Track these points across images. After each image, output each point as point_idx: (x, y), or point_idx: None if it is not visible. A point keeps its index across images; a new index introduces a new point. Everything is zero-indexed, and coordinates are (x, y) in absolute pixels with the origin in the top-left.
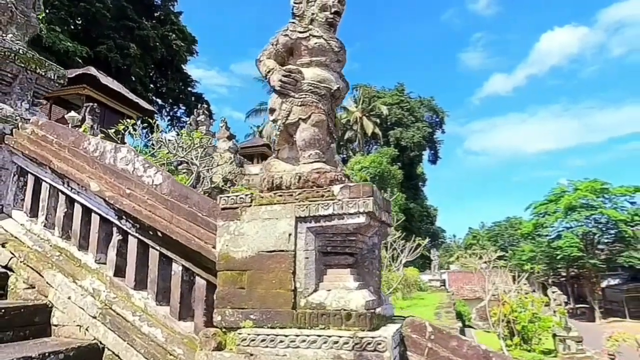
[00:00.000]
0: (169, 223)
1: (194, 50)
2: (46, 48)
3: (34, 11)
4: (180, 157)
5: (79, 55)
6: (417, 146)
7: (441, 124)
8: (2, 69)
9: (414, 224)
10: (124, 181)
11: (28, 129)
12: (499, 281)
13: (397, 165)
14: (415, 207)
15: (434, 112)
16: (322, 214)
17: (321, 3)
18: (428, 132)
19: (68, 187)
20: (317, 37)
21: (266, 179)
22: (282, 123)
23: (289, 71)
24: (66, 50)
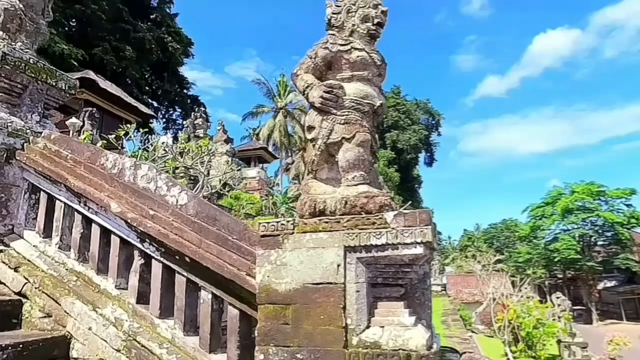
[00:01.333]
0: (197, 248)
1: (190, 53)
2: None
3: (43, 18)
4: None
5: (74, 58)
6: (413, 149)
7: (437, 126)
8: (12, 79)
9: None
10: (146, 201)
11: (40, 143)
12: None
13: (393, 168)
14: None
15: (430, 115)
16: (374, 243)
17: (363, 14)
18: (424, 135)
19: (85, 206)
20: (359, 50)
21: (307, 203)
22: (323, 142)
23: (330, 87)
24: (61, 53)
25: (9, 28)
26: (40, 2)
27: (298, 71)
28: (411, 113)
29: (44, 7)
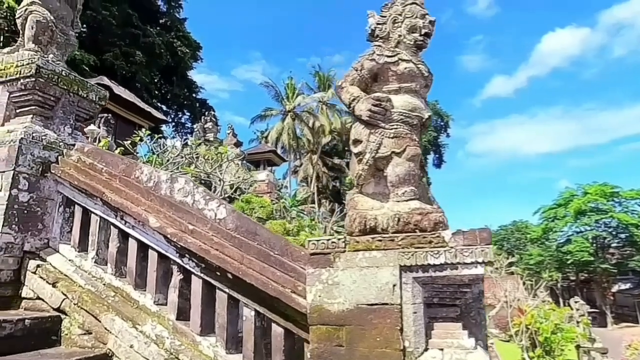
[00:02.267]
0: (239, 264)
1: (199, 57)
2: None
3: (72, 29)
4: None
5: (86, 64)
6: (422, 150)
7: (446, 127)
8: (46, 92)
9: None
10: (184, 215)
11: (74, 156)
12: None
13: None
14: None
15: (439, 116)
16: (431, 263)
17: (410, 24)
18: (433, 137)
19: (122, 220)
20: (407, 62)
21: (356, 220)
22: (371, 157)
23: (378, 99)
24: (73, 59)
25: (40, 40)
26: (70, 13)
27: (343, 83)
28: None
29: (73, 18)
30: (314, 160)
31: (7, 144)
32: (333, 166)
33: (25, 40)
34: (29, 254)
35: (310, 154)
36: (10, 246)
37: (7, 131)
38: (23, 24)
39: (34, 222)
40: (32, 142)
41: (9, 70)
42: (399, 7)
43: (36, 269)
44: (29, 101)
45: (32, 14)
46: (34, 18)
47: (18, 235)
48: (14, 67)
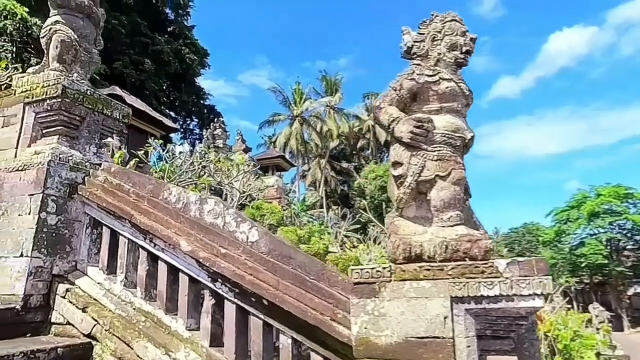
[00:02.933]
0: (275, 290)
1: (206, 63)
2: None
3: (95, 47)
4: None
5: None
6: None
7: None
8: (71, 112)
9: None
10: (216, 238)
11: (100, 177)
12: None
13: None
14: None
15: None
16: (485, 294)
17: (450, 42)
18: None
19: (151, 243)
20: (447, 81)
21: (400, 246)
22: (413, 180)
23: (419, 120)
24: None
25: (65, 59)
26: (92, 31)
27: (381, 104)
28: None
29: (95, 36)
30: (322, 164)
31: (35, 167)
32: (341, 170)
33: (49, 60)
34: (57, 277)
35: (319, 158)
36: (40, 270)
37: (35, 152)
38: (47, 44)
39: (62, 244)
40: (59, 164)
41: (35, 91)
42: (438, 25)
43: (65, 293)
44: (55, 121)
45: (57, 33)
46: (58, 37)
47: (47, 259)
48: (40, 87)
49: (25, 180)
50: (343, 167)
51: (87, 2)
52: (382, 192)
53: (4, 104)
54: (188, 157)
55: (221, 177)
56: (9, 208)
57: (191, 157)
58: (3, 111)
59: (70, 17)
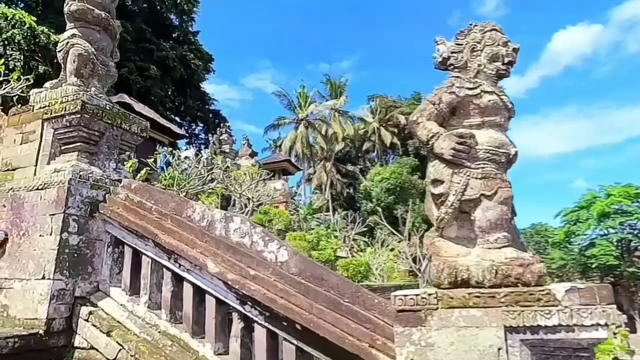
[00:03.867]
0: (309, 314)
1: (211, 68)
2: None
3: (111, 59)
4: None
5: None
6: None
7: None
8: (90, 127)
9: None
10: (243, 258)
11: (121, 194)
12: None
13: (417, 175)
14: None
15: None
16: (542, 324)
17: (491, 53)
18: None
19: (175, 263)
20: (489, 93)
21: (445, 270)
22: (457, 199)
23: (461, 136)
24: None
25: (82, 74)
26: (109, 44)
27: (418, 119)
28: None
29: (112, 48)
30: (327, 167)
31: (55, 185)
32: (347, 173)
33: (67, 74)
34: (79, 299)
35: (324, 161)
36: (62, 293)
37: (54, 170)
38: (65, 57)
39: (84, 265)
40: (80, 182)
41: (54, 106)
42: (477, 35)
43: (88, 316)
44: (74, 138)
45: (74, 47)
46: (75, 51)
47: (69, 281)
48: (58, 103)
49: (46, 200)
50: (348, 169)
51: (104, 15)
52: (389, 194)
53: (22, 121)
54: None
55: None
56: (30, 228)
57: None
58: (22, 128)
59: (87, 30)
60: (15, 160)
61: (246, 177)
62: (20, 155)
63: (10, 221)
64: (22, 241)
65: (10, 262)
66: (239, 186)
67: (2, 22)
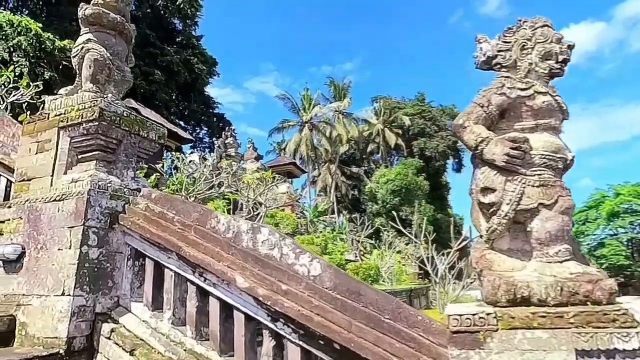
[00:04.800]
0: (348, 333)
1: (215, 72)
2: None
3: (127, 64)
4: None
5: None
6: (442, 156)
7: None
8: (108, 135)
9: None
10: (273, 272)
11: (141, 204)
12: None
13: (422, 177)
14: (443, 217)
15: None
16: (619, 348)
17: (544, 51)
18: (452, 142)
19: (201, 277)
20: (543, 95)
21: (502, 287)
22: (512, 209)
23: (515, 141)
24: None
25: (98, 80)
26: (125, 49)
27: (465, 122)
28: (437, 120)
29: (127, 53)
30: (332, 170)
31: (74, 197)
32: (352, 175)
33: (82, 80)
34: (100, 316)
35: (329, 164)
36: (83, 310)
37: (72, 181)
38: (80, 63)
39: (105, 280)
40: (99, 193)
41: (71, 114)
42: (528, 32)
43: (111, 333)
44: (91, 146)
45: (90, 52)
46: (91, 57)
47: (90, 297)
48: (75, 111)
49: (64, 212)
50: (353, 172)
51: (120, 19)
52: (394, 196)
53: (38, 129)
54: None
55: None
56: (48, 242)
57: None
58: (37, 137)
59: (102, 34)
60: (31, 170)
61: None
62: (36, 165)
63: (28, 234)
64: (41, 255)
65: (29, 277)
66: (251, 192)
67: (8, 30)
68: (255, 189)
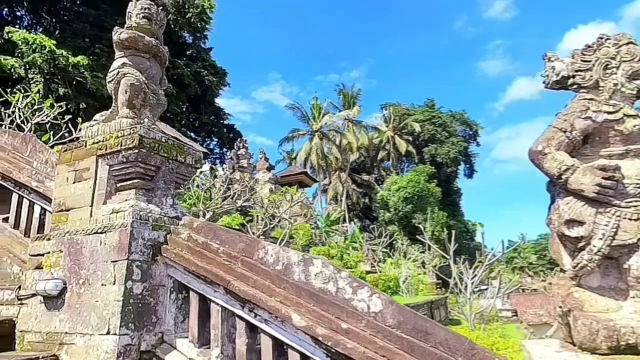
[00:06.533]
0: None
1: (225, 83)
2: (90, 93)
3: (161, 87)
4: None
5: None
6: (453, 162)
7: (475, 136)
8: (147, 162)
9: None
10: (330, 308)
11: (183, 234)
12: None
13: (434, 183)
14: (456, 224)
15: (467, 126)
16: None
17: (631, 69)
18: (463, 147)
19: (251, 313)
20: (633, 118)
21: (601, 332)
22: (605, 245)
23: (604, 169)
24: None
25: (134, 104)
26: (159, 71)
27: (545, 148)
28: (447, 125)
29: (161, 75)
30: (342, 178)
31: (117, 229)
32: (362, 183)
33: (119, 106)
34: (145, 353)
35: (339, 171)
36: (129, 348)
37: (113, 211)
38: (116, 88)
39: (148, 315)
40: (142, 224)
41: (109, 142)
42: (611, 49)
43: None
44: (130, 174)
45: (126, 77)
46: (127, 81)
47: (135, 334)
48: (113, 138)
49: (107, 245)
50: (364, 179)
51: (154, 42)
52: (406, 203)
53: (75, 157)
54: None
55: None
56: (91, 277)
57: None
58: (74, 165)
59: (137, 58)
60: (69, 200)
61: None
62: (74, 195)
63: (68, 268)
64: (83, 291)
65: (71, 314)
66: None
67: (24, 47)
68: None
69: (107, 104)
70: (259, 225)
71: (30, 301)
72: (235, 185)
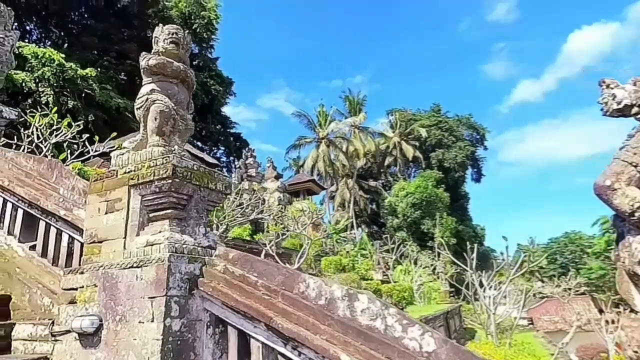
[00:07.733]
0: None
1: (231, 92)
2: (99, 105)
3: (188, 112)
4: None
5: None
6: (460, 166)
7: (482, 140)
8: (180, 192)
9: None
10: (379, 347)
11: (219, 266)
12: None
13: (442, 188)
14: (465, 228)
15: (474, 130)
16: None
17: None
18: (470, 151)
19: (294, 351)
20: None
21: None
22: None
23: None
24: (117, 107)
25: (164, 131)
26: (186, 96)
27: (614, 184)
28: (454, 130)
29: (188, 100)
30: (349, 184)
31: (153, 263)
32: (369, 189)
33: (148, 133)
34: None
35: (346, 178)
36: None
37: (147, 243)
38: (145, 115)
39: (187, 352)
40: (178, 257)
41: (141, 171)
42: None
43: None
44: (163, 204)
45: (155, 103)
46: (157, 108)
47: None
48: (145, 168)
49: (143, 280)
50: (371, 185)
51: (182, 67)
52: (415, 209)
53: (106, 187)
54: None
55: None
56: (127, 313)
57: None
58: (106, 195)
59: (165, 83)
60: (101, 231)
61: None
62: (106, 226)
63: (104, 304)
64: (120, 328)
65: (108, 352)
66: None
67: (33, 61)
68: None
69: (116, 117)
70: (270, 237)
71: (64, 338)
72: (245, 195)
